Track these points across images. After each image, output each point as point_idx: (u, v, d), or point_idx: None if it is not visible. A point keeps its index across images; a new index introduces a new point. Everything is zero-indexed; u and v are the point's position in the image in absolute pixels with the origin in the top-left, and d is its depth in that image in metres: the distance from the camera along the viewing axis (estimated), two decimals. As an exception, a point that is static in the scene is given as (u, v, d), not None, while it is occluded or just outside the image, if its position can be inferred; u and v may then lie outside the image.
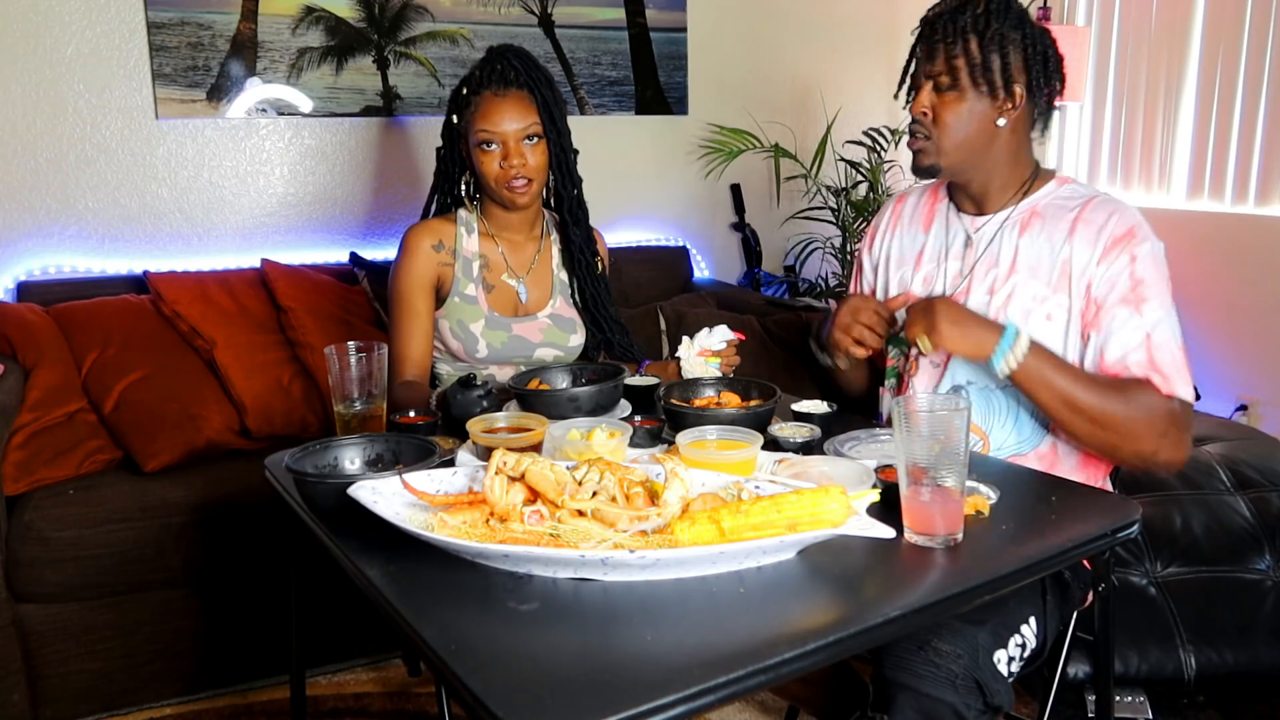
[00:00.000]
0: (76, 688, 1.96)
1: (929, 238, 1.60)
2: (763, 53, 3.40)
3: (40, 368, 2.16)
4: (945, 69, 1.44)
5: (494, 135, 1.69)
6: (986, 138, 1.47)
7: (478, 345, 1.76)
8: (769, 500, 1.00)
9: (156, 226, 2.64)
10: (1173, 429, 1.37)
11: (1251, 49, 2.90)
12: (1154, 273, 1.42)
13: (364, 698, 2.08)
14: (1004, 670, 1.22)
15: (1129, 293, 1.41)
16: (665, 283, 3.13)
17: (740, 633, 0.88)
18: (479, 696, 0.78)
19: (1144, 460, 1.39)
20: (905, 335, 1.44)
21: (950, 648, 1.16)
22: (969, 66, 1.43)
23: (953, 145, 1.46)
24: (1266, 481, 2.13)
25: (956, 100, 1.44)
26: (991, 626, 1.22)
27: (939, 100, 1.45)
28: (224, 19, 2.60)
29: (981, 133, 1.46)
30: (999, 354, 1.37)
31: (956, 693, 1.14)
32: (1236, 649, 1.88)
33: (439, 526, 1.00)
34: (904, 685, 1.15)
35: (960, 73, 1.43)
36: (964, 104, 1.44)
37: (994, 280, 1.49)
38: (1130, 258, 1.41)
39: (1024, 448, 1.48)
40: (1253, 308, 2.91)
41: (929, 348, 1.40)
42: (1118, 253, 1.41)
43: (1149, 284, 1.41)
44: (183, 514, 1.98)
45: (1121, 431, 1.37)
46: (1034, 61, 1.45)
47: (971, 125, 1.45)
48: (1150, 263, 1.42)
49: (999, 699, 1.17)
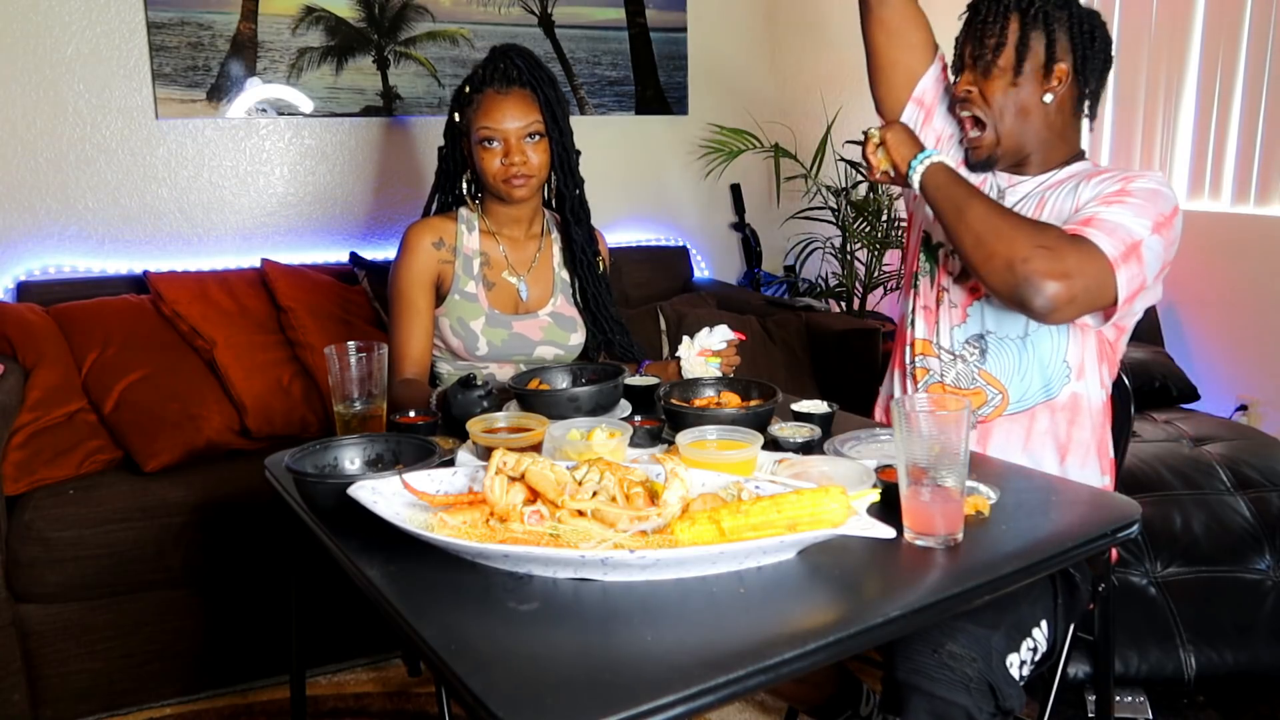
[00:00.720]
0: (76, 688, 1.96)
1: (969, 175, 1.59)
2: (763, 53, 3.40)
3: (40, 368, 2.16)
4: (989, 48, 1.46)
5: (495, 132, 1.69)
6: (1036, 114, 1.49)
7: (478, 343, 1.76)
8: (769, 500, 1.00)
9: (156, 226, 2.64)
10: (1058, 244, 1.32)
11: (1251, 49, 2.90)
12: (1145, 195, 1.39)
13: (364, 698, 2.08)
14: (1016, 673, 1.22)
15: (1110, 195, 1.40)
16: (665, 283, 3.13)
17: (740, 633, 0.88)
18: (479, 696, 0.78)
19: (1013, 270, 1.32)
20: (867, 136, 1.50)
21: (964, 651, 1.16)
22: (1013, 45, 1.45)
23: (1004, 121, 1.48)
24: (1266, 481, 2.13)
25: (1001, 79, 1.46)
26: (1005, 630, 1.22)
27: (984, 82, 1.47)
28: (224, 19, 2.60)
29: (1030, 109, 1.48)
30: (914, 165, 1.44)
31: (970, 696, 1.14)
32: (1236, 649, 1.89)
33: (439, 526, 1.00)
34: (917, 688, 1.15)
35: (1005, 50, 1.45)
36: (1008, 83, 1.46)
37: None
38: (1125, 179, 1.42)
39: (1042, 397, 1.49)
40: (1253, 308, 2.91)
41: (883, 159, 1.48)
42: (1118, 177, 1.44)
43: (1134, 199, 1.38)
44: (183, 514, 1.98)
45: (1004, 236, 1.34)
46: (1079, 40, 1.47)
47: (1018, 101, 1.47)
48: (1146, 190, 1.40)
49: (1010, 702, 1.17)
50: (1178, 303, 3.07)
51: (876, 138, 1.51)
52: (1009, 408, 1.50)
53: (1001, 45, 1.46)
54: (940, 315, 1.57)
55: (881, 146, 1.50)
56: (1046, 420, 1.49)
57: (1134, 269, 1.34)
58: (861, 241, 3.29)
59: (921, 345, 1.59)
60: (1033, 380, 1.49)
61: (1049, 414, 1.49)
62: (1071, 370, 1.48)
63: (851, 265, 3.35)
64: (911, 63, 1.63)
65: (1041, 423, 1.49)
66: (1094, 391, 1.50)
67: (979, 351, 1.52)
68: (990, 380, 1.51)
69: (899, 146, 1.48)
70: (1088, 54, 1.47)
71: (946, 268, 1.57)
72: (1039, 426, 1.49)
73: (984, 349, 1.51)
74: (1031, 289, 1.31)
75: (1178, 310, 3.08)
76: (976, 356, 1.52)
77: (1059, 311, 1.33)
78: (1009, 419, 1.50)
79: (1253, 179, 2.92)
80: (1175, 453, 2.24)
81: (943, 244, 1.58)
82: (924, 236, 1.62)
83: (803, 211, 3.42)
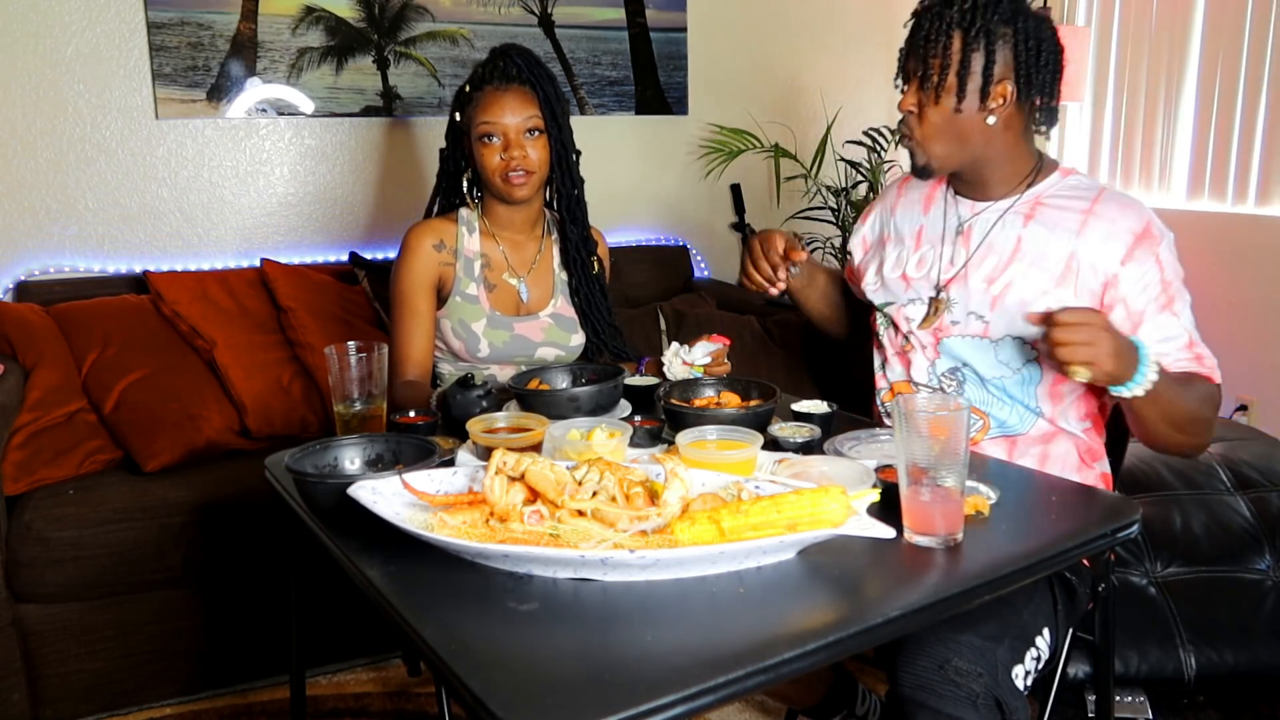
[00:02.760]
0: (76, 688, 1.96)
1: (927, 219, 1.59)
2: (763, 53, 3.40)
3: (40, 368, 2.16)
4: (928, 67, 1.41)
5: (495, 128, 1.69)
6: (978, 135, 1.44)
7: (479, 344, 1.76)
8: (769, 500, 1.00)
9: (156, 226, 2.64)
10: (1216, 416, 1.41)
11: (1251, 49, 2.90)
12: (1175, 271, 1.44)
13: (364, 698, 2.08)
14: (1020, 684, 1.21)
15: (1160, 295, 1.42)
16: (665, 282, 3.13)
17: (740, 633, 0.88)
18: (479, 696, 0.78)
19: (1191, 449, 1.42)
20: (1057, 357, 1.26)
21: (970, 667, 1.15)
22: (953, 65, 1.39)
23: (939, 145, 1.44)
24: (1266, 481, 2.13)
25: (940, 99, 1.42)
26: (1009, 642, 1.21)
27: (924, 99, 1.43)
28: (224, 19, 2.60)
29: (970, 131, 1.43)
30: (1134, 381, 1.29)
31: (977, 712, 1.12)
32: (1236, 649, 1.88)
33: (439, 526, 1.00)
34: (923, 704, 1.13)
35: (945, 71, 1.40)
36: (948, 103, 1.42)
37: (993, 268, 1.48)
38: (1156, 261, 1.42)
39: (1019, 429, 1.49)
40: (1253, 308, 2.91)
41: (1085, 377, 1.27)
42: (1143, 254, 1.41)
43: (1175, 284, 1.43)
44: (183, 514, 1.98)
45: (1193, 431, 1.39)
46: (1024, 57, 1.40)
47: (957, 124, 1.43)
48: (1171, 261, 1.44)
49: (1017, 715, 1.16)
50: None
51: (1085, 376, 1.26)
52: (990, 432, 1.50)
53: (946, 66, 1.40)
54: (913, 356, 1.56)
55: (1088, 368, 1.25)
56: (1025, 445, 1.49)
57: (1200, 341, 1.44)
58: (861, 241, 3.28)
59: (900, 386, 1.59)
60: (1008, 414, 1.49)
61: (1027, 442, 1.49)
62: (1044, 408, 1.48)
63: (851, 265, 3.35)
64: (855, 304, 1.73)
65: (1021, 448, 1.49)
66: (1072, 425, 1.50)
67: (957, 383, 1.52)
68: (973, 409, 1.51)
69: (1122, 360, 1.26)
70: (1032, 70, 1.41)
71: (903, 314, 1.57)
72: (1018, 451, 1.49)
73: (962, 380, 1.51)
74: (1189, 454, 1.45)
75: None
76: (955, 387, 1.52)
77: None
78: (991, 441, 1.50)
79: (1253, 179, 2.92)
80: (1175, 453, 2.24)
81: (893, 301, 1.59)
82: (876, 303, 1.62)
83: (803, 211, 3.42)
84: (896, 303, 1.58)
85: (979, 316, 1.48)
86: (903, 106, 1.46)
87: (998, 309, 1.46)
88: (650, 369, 1.68)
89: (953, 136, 1.44)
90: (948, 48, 1.39)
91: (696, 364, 1.61)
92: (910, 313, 1.56)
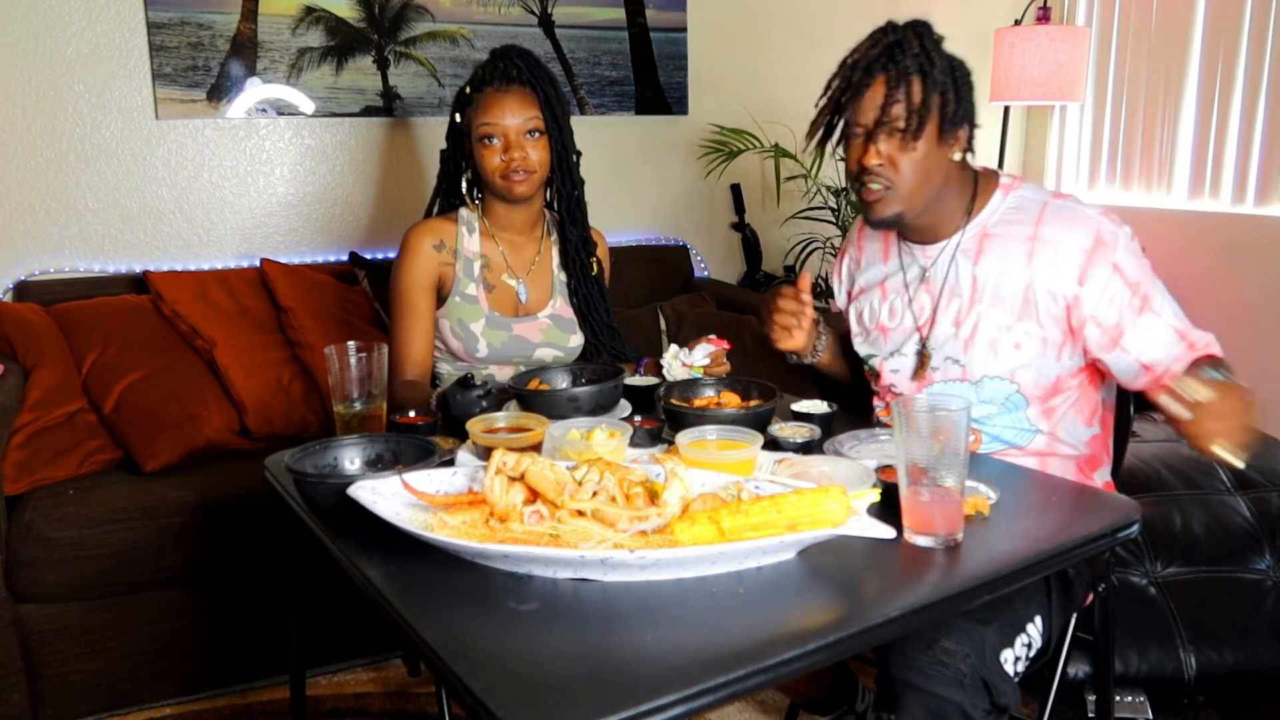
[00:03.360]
0: (76, 688, 1.96)
1: (888, 269, 1.59)
2: (763, 53, 3.39)
3: (40, 368, 2.16)
4: (895, 114, 1.37)
5: (495, 129, 1.69)
6: (941, 175, 1.42)
7: (478, 345, 1.76)
8: (769, 500, 1.00)
9: (156, 226, 2.64)
10: None
11: (1251, 49, 2.90)
12: (1138, 267, 1.41)
13: (364, 698, 2.08)
14: (1010, 670, 1.22)
15: (1132, 299, 1.40)
16: (665, 282, 3.13)
17: (740, 633, 0.88)
18: (479, 697, 0.78)
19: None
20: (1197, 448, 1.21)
21: (958, 647, 1.16)
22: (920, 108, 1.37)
23: (915, 191, 1.41)
24: (1266, 481, 2.13)
25: (912, 144, 1.38)
26: (999, 626, 1.22)
27: (896, 146, 1.39)
28: (224, 19, 2.60)
29: (937, 171, 1.41)
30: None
31: (964, 692, 1.14)
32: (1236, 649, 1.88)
33: (439, 526, 1.00)
34: (911, 684, 1.15)
35: (911, 117, 1.37)
36: (920, 147, 1.38)
37: (958, 311, 1.48)
38: (1114, 269, 1.39)
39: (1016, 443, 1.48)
40: (1253, 308, 2.91)
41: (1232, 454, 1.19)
42: (1098, 268, 1.39)
43: (1144, 283, 1.41)
44: (183, 514, 1.98)
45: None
46: (964, 90, 1.41)
47: (927, 166, 1.40)
48: (1131, 261, 1.40)
49: (1005, 699, 1.17)
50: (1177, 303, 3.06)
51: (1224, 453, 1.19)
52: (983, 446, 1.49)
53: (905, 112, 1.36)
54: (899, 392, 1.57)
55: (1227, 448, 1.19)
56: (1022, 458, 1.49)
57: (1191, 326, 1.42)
58: (861, 241, 3.28)
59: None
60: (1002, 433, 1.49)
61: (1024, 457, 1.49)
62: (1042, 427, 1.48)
63: (851, 265, 3.35)
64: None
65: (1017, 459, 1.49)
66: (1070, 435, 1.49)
67: None
68: None
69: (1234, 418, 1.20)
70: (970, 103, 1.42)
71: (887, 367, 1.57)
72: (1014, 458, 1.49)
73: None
74: None
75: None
76: None
77: None
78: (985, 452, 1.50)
79: (1252, 179, 2.92)
80: (1175, 453, 2.24)
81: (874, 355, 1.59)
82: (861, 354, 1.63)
83: (803, 211, 3.42)
84: (879, 355, 1.58)
85: (955, 361, 1.48)
86: (869, 160, 1.40)
87: (970, 351, 1.46)
88: (649, 369, 1.68)
89: (924, 179, 1.41)
90: (909, 91, 1.37)
91: (696, 366, 1.61)
92: (894, 365, 1.56)
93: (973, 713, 1.13)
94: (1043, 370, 1.44)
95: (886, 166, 1.40)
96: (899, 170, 1.40)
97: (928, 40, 1.39)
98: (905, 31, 1.39)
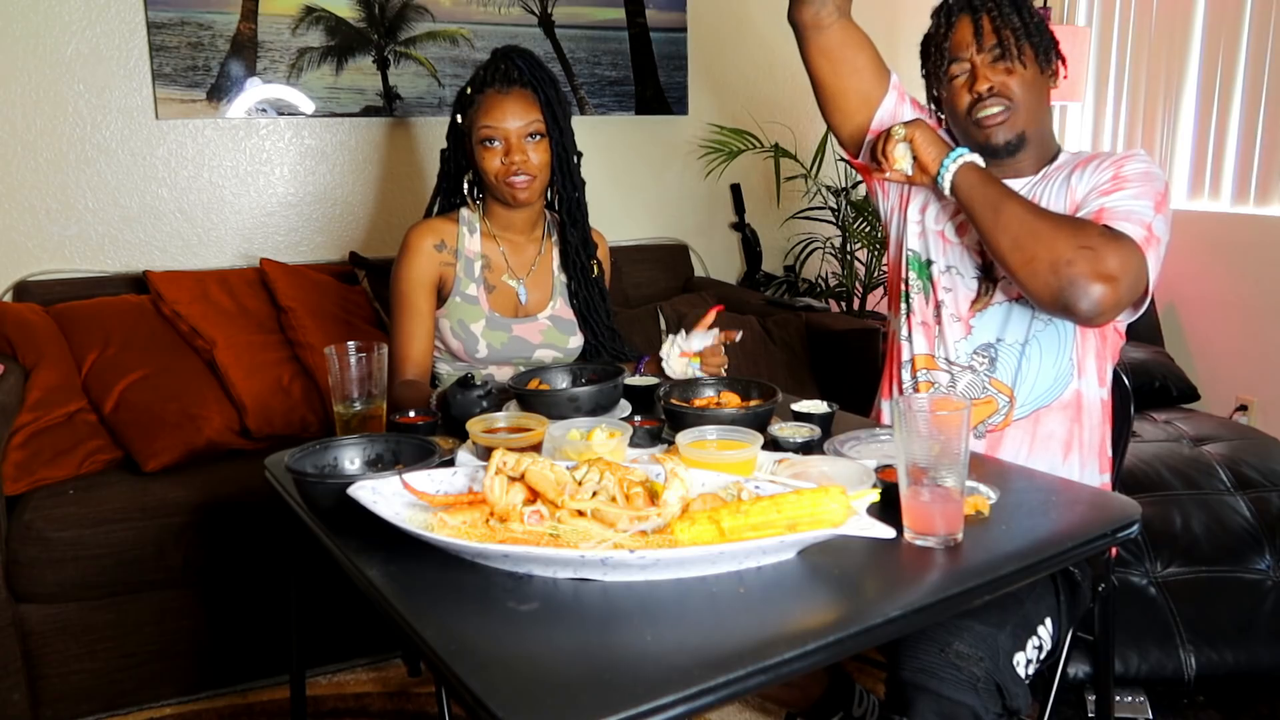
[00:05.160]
0: (76, 688, 1.96)
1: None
2: (763, 53, 3.40)
3: (40, 368, 2.16)
4: (1004, 41, 1.45)
5: (496, 132, 1.69)
6: (1045, 106, 1.50)
7: (478, 345, 1.76)
8: (769, 500, 1.00)
9: (156, 226, 2.64)
10: (1100, 243, 1.30)
11: (1251, 49, 2.90)
12: (1139, 177, 1.41)
13: (364, 698, 2.08)
14: (1022, 672, 1.22)
15: (1107, 184, 1.41)
16: (665, 282, 3.13)
17: (740, 633, 0.88)
18: (479, 696, 0.78)
19: (1056, 274, 1.29)
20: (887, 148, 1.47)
21: (971, 650, 1.15)
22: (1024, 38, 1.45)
23: (1031, 110, 1.47)
24: (1266, 481, 2.13)
25: (1022, 71, 1.46)
26: (1011, 629, 1.22)
27: (1006, 74, 1.46)
28: (224, 19, 2.60)
29: (1042, 101, 1.49)
30: (946, 164, 1.42)
31: (977, 696, 1.13)
32: (1236, 649, 1.89)
33: (439, 526, 1.00)
34: (924, 688, 1.14)
35: (1019, 45, 1.45)
36: (1029, 73, 1.46)
37: None
38: (1116, 164, 1.43)
39: (1049, 399, 1.49)
40: (1253, 308, 2.91)
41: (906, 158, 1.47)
42: (1109, 165, 1.44)
43: (1131, 181, 1.40)
44: (183, 514, 1.98)
45: (1044, 239, 1.31)
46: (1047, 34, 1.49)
47: (1035, 88, 1.48)
48: (1139, 171, 1.41)
49: (1017, 701, 1.16)
50: (1178, 303, 3.07)
51: (901, 134, 1.48)
52: (1016, 412, 1.49)
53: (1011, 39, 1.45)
54: (942, 330, 1.54)
55: (906, 144, 1.48)
56: (1051, 422, 1.49)
57: (1156, 252, 1.34)
58: (861, 241, 3.29)
59: (924, 360, 1.57)
60: (1040, 382, 1.49)
61: (1052, 415, 1.49)
62: (1075, 368, 1.48)
63: (851, 265, 3.35)
64: (863, 87, 1.58)
65: (1046, 425, 1.49)
66: (1094, 388, 1.50)
67: (988, 360, 1.51)
68: (1000, 387, 1.50)
69: (928, 145, 1.46)
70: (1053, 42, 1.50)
71: (941, 283, 1.55)
72: (1043, 430, 1.49)
73: (993, 357, 1.50)
74: (1077, 292, 1.29)
75: (1178, 310, 3.08)
76: (986, 365, 1.51)
77: (1105, 314, 1.30)
78: (1016, 425, 1.50)
79: (1253, 179, 2.92)
80: (1175, 453, 2.24)
81: (934, 261, 1.56)
82: (911, 255, 1.58)
83: (803, 211, 3.42)
84: (938, 266, 1.56)
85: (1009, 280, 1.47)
86: (980, 86, 1.46)
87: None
88: (650, 369, 1.68)
89: (1036, 101, 1.48)
90: (1010, 23, 1.45)
91: (694, 350, 1.61)
92: (947, 284, 1.54)
93: (985, 716, 1.13)
94: None
95: (1001, 88, 1.46)
96: (1012, 91, 1.46)
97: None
98: None
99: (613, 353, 1.86)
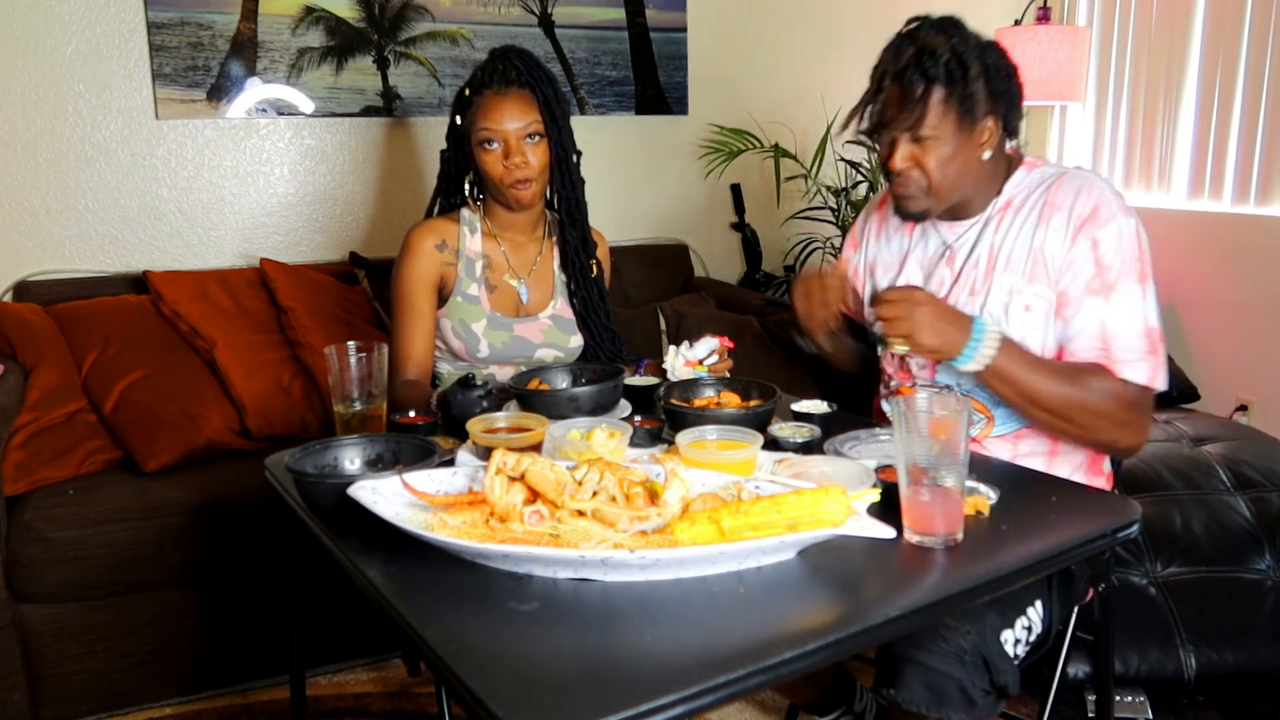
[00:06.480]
0: (76, 688, 1.96)
1: (911, 242, 1.60)
2: (763, 53, 3.40)
3: (40, 368, 2.16)
4: (920, 120, 1.39)
5: (495, 133, 1.69)
6: (973, 170, 1.45)
7: (479, 345, 1.76)
8: (769, 500, 1.00)
9: (156, 226, 2.64)
10: (1131, 415, 1.39)
11: (1251, 49, 2.90)
12: (1118, 256, 1.40)
13: (364, 698, 2.08)
14: (1010, 651, 1.22)
15: (1093, 280, 1.40)
16: (665, 282, 3.13)
17: (740, 633, 0.88)
18: (479, 696, 0.78)
19: (1105, 447, 1.45)
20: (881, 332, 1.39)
21: (959, 623, 1.17)
22: (944, 113, 1.39)
23: (944, 188, 1.44)
24: (1266, 481, 2.13)
25: (937, 147, 1.40)
26: (999, 607, 1.23)
27: (920, 150, 1.42)
28: (224, 19, 2.60)
29: (967, 168, 1.44)
30: (965, 356, 1.35)
31: (964, 668, 1.14)
32: (1236, 649, 1.88)
33: (439, 526, 1.00)
34: (911, 659, 1.15)
35: (937, 121, 1.39)
36: (945, 149, 1.41)
37: (974, 281, 1.49)
38: (1092, 243, 1.40)
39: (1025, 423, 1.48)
40: (1253, 308, 2.91)
41: (904, 350, 1.39)
42: (1082, 237, 1.41)
43: (1114, 269, 1.40)
44: (183, 514, 1.98)
45: (1080, 422, 1.39)
46: (998, 86, 1.42)
47: (955, 165, 1.42)
48: (1114, 245, 1.40)
49: (1004, 677, 1.17)
50: (1178, 303, 3.07)
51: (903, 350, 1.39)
52: (996, 429, 1.50)
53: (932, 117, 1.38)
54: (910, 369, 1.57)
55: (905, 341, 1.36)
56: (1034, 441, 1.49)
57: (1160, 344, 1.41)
58: (861, 241, 3.28)
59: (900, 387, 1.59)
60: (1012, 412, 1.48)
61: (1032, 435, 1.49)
62: None
63: (851, 265, 3.35)
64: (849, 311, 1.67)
65: (1028, 444, 1.49)
66: None
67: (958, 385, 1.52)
68: (979, 407, 1.50)
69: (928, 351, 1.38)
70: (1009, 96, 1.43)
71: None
72: (1023, 449, 1.49)
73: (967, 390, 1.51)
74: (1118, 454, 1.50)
75: (1178, 310, 3.08)
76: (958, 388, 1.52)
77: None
78: (996, 439, 1.50)
79: (1253, 179, 2.92)
80: (1175, 453, 2.24)
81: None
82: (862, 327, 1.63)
83: (803, 211, 3.42)
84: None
85: None
86: (893, 165, 1.43)
87: (983, 315, 1.46)
88: (650, 370, 1.68)
89: (951, 178, 1.43)
90: (932, 96, 1.38)
91: (698, 362, 1.61)
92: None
93: (971, 690, 1.14)
94: (1048, 334, 1.45)
95: (912, 168, 1.43)
96: (925, 171, 1.43)
97: (956, 40, 1.39)
98: (932, 35, 1.39)
99: (610, 355, 1.86)
